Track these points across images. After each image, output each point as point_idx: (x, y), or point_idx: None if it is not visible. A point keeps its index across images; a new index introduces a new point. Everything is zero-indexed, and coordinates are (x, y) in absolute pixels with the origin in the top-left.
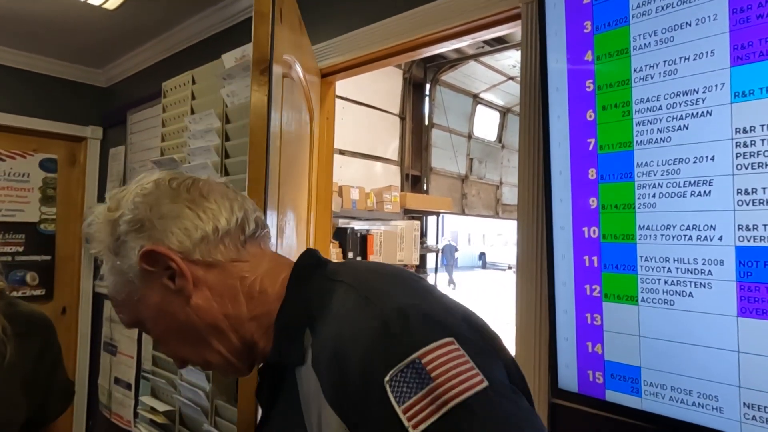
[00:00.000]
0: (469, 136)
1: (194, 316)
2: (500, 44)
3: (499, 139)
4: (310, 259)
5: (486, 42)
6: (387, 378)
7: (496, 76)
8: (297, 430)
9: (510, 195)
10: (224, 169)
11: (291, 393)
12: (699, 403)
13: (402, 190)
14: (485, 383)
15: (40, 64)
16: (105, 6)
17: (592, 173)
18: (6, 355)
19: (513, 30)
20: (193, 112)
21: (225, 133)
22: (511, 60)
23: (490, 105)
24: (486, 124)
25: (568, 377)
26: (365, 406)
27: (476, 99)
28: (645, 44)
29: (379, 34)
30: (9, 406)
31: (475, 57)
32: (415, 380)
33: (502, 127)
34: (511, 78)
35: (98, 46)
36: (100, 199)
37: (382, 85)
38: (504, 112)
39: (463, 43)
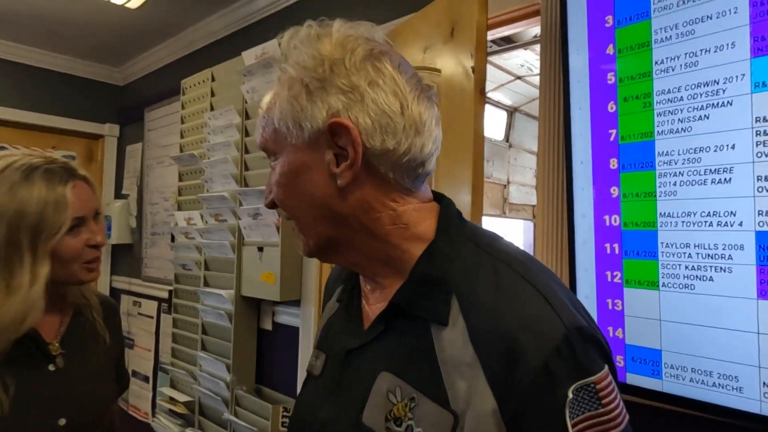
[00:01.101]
0: None
1: (327, 198)
2: (508, 44)
3: (507, 138)
4: (451, 209)
5: (493, 41)
6: (570, 390)
7: (503, 75)
8: (431, 385)
9: (517, 194)
10: (244, 163)
11: (422, 344)
12: (719, 384)
13: None
14: (627, 416)
15: (58, 62)
16: (127, 5)
17: (614, 163)
18: (106, 339)
19: (530, 27)
20: (212, 109)
21: (245, 128)
22: (518, 59)
23: (497, 105)
24: (493, 124)
25: None
26: (538, 407)
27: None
28: (666, 37)
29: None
30: (112, 383)
31: None
32: (588, 401)
33: (509, 126)
34: (519, 77)
35: (116, 45)
36: (117, 195)
37: None
38: (511, 111)
39: None
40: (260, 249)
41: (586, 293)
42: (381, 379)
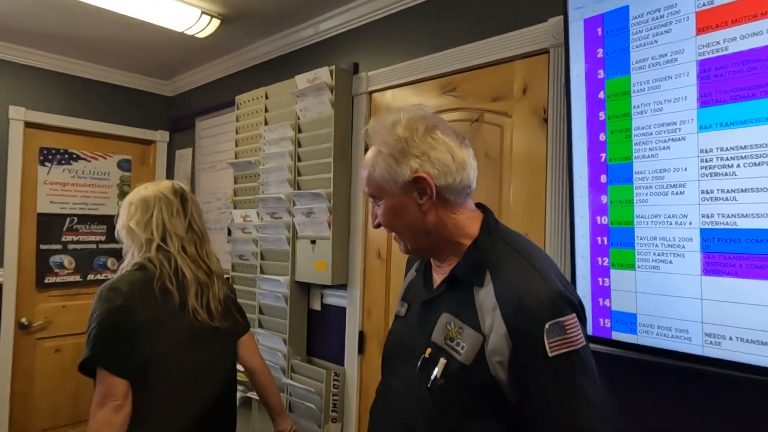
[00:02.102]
0: None
1: (419, 221)
2: None
3: None
4: (491, 218)
5: None
6: (547, 324)
7: None
8: (472, 319)
9: None
10: (297, 170)
11: (467, 297)
12: (675, 336)
13: None
14: (584, 342)
15: (115, 76)
16: (198, 35)
17: (603, 178)
18: (233, 291)
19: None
20: (266, 123)
21: (297, 141)
22: None
23: None
24: None
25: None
26: (527, 331)
27: None
28: (641, 89)
29: (422, 65)
30: (238, 319)
31: None
32: (558, 331)
33: None
34: None
35: (171, 63)
36: None
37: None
38: None
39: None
40: (313, 242)
41: (583, 274)
42: (443, 317)
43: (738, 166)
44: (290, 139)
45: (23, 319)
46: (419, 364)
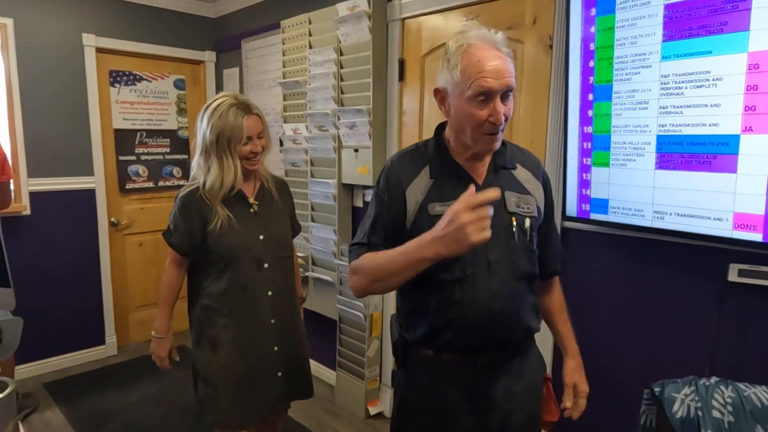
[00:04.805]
0: None
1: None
2: None
3: None
4: None
5: None
6: (543, 170)
7: None
8: (522, 188)
9: None
10: (340, 89)
11: (510, 176)
12: (634, 214)
13: None
14: None
15: (166, 0)
16: None
17: (590, 96)
18: (277, 200)
19: None
20: (311, 46)
21: (340, 63)
22: None
23: None
24: None
25: (571, 209)
26: (546, 179)
27: None
28: (622, 26)
29: None
30: (287, 222)
31: None
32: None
33: None
34: None
35: None
36: None
37: None
38: None
39: None
40: (356, 150)
41: (572, 171)
42: (506, 194)
43: (686, 87)
44: (333, 61)
45: (113, 219)
46: (515, 230)
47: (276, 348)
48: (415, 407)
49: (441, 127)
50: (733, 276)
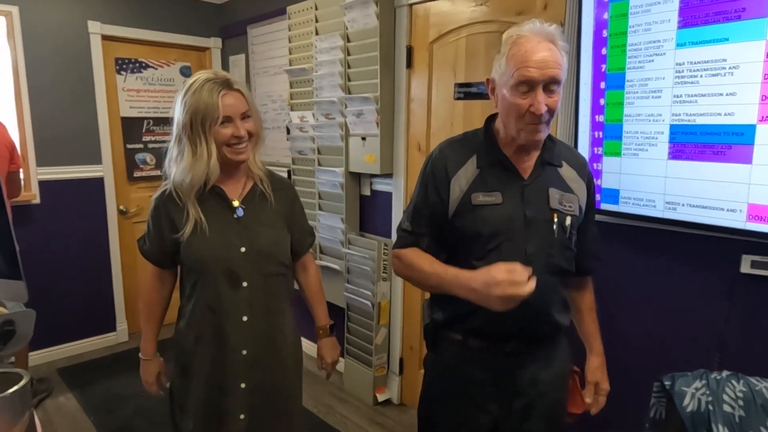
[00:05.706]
0: None
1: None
2: None
3: None
4: None
5: None
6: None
7: None
8: (566, 186)
9: None
10: (347, 76)
11: (556, 173)
12: (646, 204)
13: None
14: None
15: None
16: None
17: (602, 84)
18: (272, 202)
19: None
20: (317, 33)
21: (347, 49)
22: None
23: None
24: None
25: None
26: (590, 179)
27: None
28: (636, 11)
29: None
30: (281, 231)
31: None
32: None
33: None
34: None
35: None
36: None
37: None
38: None
39: None
40: (363, 138)
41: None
42: (550, 190)
43: (701, 76)
44: (340, 48)
45: (121, 207)
46: (555, 227)
47: (243, 385)
48: (442, 390)
49: (492, 118)
50: (745, 267)
